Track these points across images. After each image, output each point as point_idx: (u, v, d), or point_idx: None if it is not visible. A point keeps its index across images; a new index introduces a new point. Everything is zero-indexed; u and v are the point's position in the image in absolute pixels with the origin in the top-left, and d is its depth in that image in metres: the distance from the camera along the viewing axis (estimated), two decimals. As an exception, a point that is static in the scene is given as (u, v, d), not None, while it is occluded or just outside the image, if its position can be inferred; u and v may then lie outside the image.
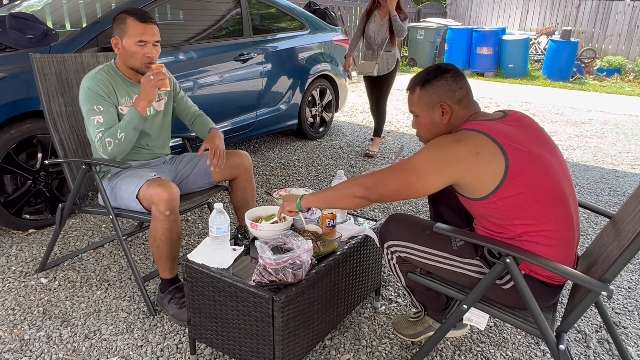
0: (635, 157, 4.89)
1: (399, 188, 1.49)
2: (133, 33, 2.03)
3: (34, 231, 2.80)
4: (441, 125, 1.59)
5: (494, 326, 2.10)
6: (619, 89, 9.28)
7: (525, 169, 1.42)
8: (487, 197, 1.44)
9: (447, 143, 1.47)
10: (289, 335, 1.57)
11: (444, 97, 1.56)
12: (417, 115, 1.63)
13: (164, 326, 2.02)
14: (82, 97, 2.05)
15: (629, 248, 1.29)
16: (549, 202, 1.45)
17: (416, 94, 1.61)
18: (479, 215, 1.56)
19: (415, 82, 1.63)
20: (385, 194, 1.52)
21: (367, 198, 1.55)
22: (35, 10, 3.55)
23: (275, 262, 1.49)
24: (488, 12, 12.69)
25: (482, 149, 1.42)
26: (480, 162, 1.42)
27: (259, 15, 4.23)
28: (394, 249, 1.68)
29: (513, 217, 1.45)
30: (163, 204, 1.93)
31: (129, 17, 2.04)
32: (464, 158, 1.42)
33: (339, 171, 2.05)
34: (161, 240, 1.97)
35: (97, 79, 2.06)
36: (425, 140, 1.65)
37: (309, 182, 3.80)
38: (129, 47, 2.05)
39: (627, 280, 2.55)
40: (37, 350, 1.88)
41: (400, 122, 5.99)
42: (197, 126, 2.40)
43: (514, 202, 1.43)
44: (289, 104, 4.45)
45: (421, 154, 1.49)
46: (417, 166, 1.47)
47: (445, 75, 1.57)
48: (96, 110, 2.02)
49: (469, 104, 1.58)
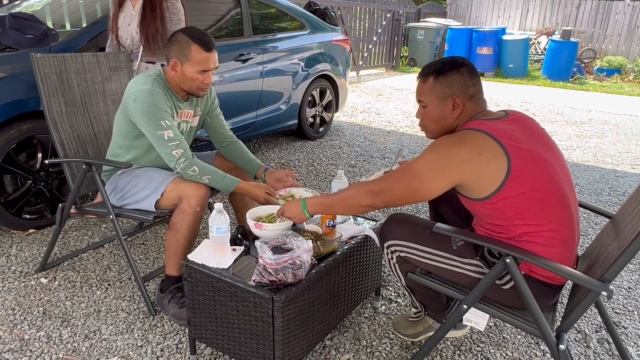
0: (635, 157, 4.89)
1: (405, 194, 1.49)
2: (197, 62, 1.97)
3: (34, 231, 2.80)
4: (449, 119, 1.56)
5: (494, 326, 2.10)
6: (619, 89, 9.29)
7: (527, 169, 1.42)
8: (488, 197, 1.44)
9: (449, 145, 1.46)
10: (289, 335, 1.57)
11: (457, 92, 1.53)
12: (425, 106, 1.59)
13: (164, 326, 2.03)
14: (143, 111, 1.95)
15: (629, 248, 1.29)
16: (550, 202, 1.45)
17: (429, 83, 1.56)
18: (480, 215, 1.56)
19: (428, 71, 1.57)
20: (391, 200, 1.51)
21: (374, 206, 1.54)
22: (35, 10, 3.55)
23: (275, 262, 1.49)
24: (488, 12, 12.70)
25: (485, 150, 1.41)
26: (483, 163, 1.41)
27: (259, 15, 4.23)
28: (394, 248, 1.68)
29: (514, 217, 1.45)
30: (196, 200, 1.93)
31: (193, 44, 1.96)
32: (466, 160, 1.42)
33: (339, 171, 2.05)
34: (183, 235, 1.96)
35: (157, 93, 1.97)
36: (429, 131, 1.63)
37: (309, 182, 3.80)
38: (189, 74, 2.00)
39: (627, 280, 2.55)
40: (37, 350, 1.88)
41: (400, 122, 5.99)
42: (231, 151, 2.34)
43: (515, 203, 1.43)
44: (289, 104, 4.45)
45: (423, 158, 1.47)
46: (420, 171, 1.46)
47: (461, 69, 1.53)
48: (164, 126, 1.96)
49: (479, 102, 1.56)
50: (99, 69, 2.47)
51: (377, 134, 5.41)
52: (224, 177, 2.03)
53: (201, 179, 1.99)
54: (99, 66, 2.47)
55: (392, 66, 10.98)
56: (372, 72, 10.43)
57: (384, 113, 6.51)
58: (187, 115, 2.17)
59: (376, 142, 5.04)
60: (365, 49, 9.97)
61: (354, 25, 9.45)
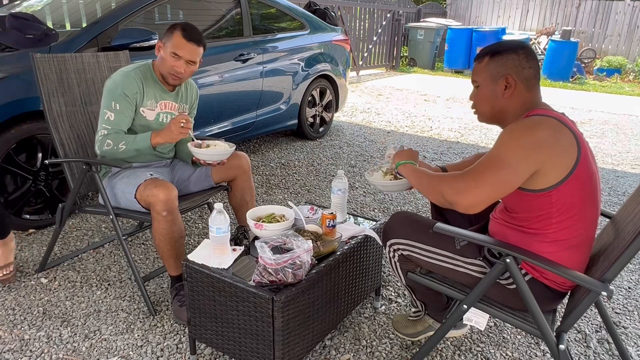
0: (635, 157, 4.88)
1: (494, 189, 1.36)
2: (173, 44, 2.08)
3: (34, 231, 2.80)
4: (501, 99, 1.50)
5: (494, 326, 2.10)
6: (619, 89, 9.29)
7: (586, 166, 1.38)
8: (549, 188, 1.36)
9: (526, 128, 1.37)
10: (289, 335, 1.57)
11: (511, 71, 1.47)
12: (478, 86, 1.55)
13: (164, 326, 2.03)
14: (107, 87, 2.09)
15: (629, 248, 1.29)
16: (589, 205, 1.42)
17: (484, 62, 1.52)
18: (513, 207, 1.48)
19: (485, 52, 1.54)
20: (477, 202, 1.37)
21: (454, 204, 1.41)
22: (35, 10, 3.55)
23: (275, 262, 1.49)
24: (488, 12, 12.70)
25: (563, 136, 1.35)
26: (560, 150, 1.34)
27: (259, 15, 4.23)
28: (397, 246, 1.68)
29: (556, 213, 1.39)
30: (160, 205, 1.93)
31: (178, 30, 2.09)
32: (547, 143, 1.33)
33: (339, 171, 2.05)
34: (161, 240, 1.98)
35: (130, 76, 2.09)
36: (480, 114, 1.58)
37: (309, 182, 3.80)
38: (165, 55, 2.11)
39: (627, 280, 2.55)
40: (37, 350, 1.87)
41: (400, 122, 5.99)
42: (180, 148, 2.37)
43: (568, 199, 1.37)
44: (289, 104, 4.45)
45: (502, 145, 1.38)
46: (506, 158, 1.35)
47: (519, 50, 1.48)
48: (112, 107, 2.06)
49: (533, 88, 1.49)
50: (99, 69, 2.47)
51: (377, 134, 5.41)
52: (135, 137, 2.07)
53: (118, 149, 2.05)
54: (99, 66, 2.47)
55: (392, 66, 10.98)
56: (372, 72, 10.43)
57: (384, 113, 6.51)
58: (170, 107, 2.24)
59: (376, 142, 5.04)
60: (365, 49, 9.97)
61: (354, 25, 9.45)
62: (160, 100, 2.20)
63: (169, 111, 2.24)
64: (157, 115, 2.20)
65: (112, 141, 2.04)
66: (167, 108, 2.23)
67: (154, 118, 2.19)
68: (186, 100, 2.32)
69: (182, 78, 2.16)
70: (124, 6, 3.14)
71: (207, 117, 3.61)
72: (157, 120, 2.20)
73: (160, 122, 2.21)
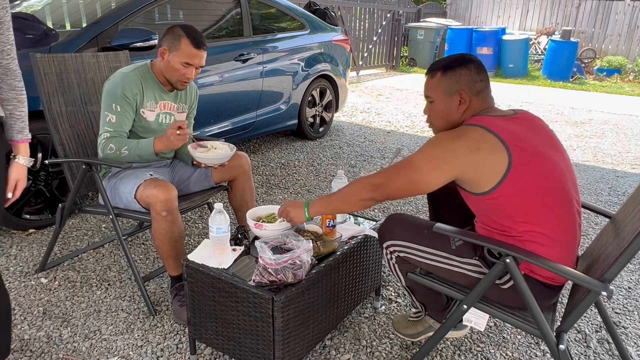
0: (635, 157, 4.89)
1: (404, 186, 1.51)
2: (183, 54, 2.07)
3: (34, 231, 2.80)
4: (455, 114, 1.57)
5: (494, 326, 2.10)
6: (619, 89, 9.29)
7: (530, 166, 1.42)
8: (489, 192, 1.45)
9: (447, 139, 1.47)
10: (289, 335, 1.57)
11: (464, 86, 1.54)
12: (432, 101, 1.61)
13: (164, 326, 2.03)
14: (106, 89, 2.08)
15: (629, 248, 1.29)
16: (554, 202, 1.45)
17: (436, 78, 1.59)
18: (481, 212, 1.56)
19: (436, 67, 1.60)
20: (391, 193, 1.53)
21: (375, 199, 1.56)
22: (35, 10, 3.55)
23: (275, 262, 1.49)
24: (488, 12, 12.70)
25: (484, 144, 1.42)
26: (482, 158, 1.42)
27: (259, 15, 4.23)
28: (393, 248, 1.68)
29: (515, 215, 1.45)
30: (159, 205, 1.93)
31: (184, 37, 2.06)
32: (463, 154, 1.43)
33: (339, 171, 2.05)
34: (160, 240, 1.99)
35: (130, 78, 2.09)
36: (435, 127, 1.65)
37: (309, 182, 3.80)
38: (174, 64, 2.09)
39: (627, 280, 2.55)
40: (37, 350, 1.87)
41: (400, 122, 5.99)
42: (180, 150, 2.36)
43: (516, 199, 1.43)
44: (289, 104, 4.45)
45: (422, 151, 1.49)
46: (419, 164, 1.48)
47: (469, 65, 1.55)
48: (113, 109, 2.06)
49: (485, 98, 1.57)
50: (99, 69, 2.47)
51: (377, 134, 5.42)
52: (139, 142, 2.07)
53: (121, 154, 2.05)
54: (99, 66, 2.47)
55: (392, 66, 10.98)
56: (372, 72, 10.43)
57: (384, 113, 6.51)
58: (169, 107, 2.24)
59: (376, 142, 5.04)
60: (365, 49, 9.97)
61: (354, 25, 9.45)
62: (160, 100, 2.20)
63: (168, 111, 2.24)
64: (157, 116, 2.20)
65: (115, 145, 2.05)
66: (167, 108, 2.24)
67: (154, 119, 2.19)
68: (185, 100, 2.32)
69: (189, 81, 2.18)
70: (124, 6, 3.15)
71: (207, 117, 3.61)
72: (156, 121, 2.20)
73: (159, 123, 2.21)
